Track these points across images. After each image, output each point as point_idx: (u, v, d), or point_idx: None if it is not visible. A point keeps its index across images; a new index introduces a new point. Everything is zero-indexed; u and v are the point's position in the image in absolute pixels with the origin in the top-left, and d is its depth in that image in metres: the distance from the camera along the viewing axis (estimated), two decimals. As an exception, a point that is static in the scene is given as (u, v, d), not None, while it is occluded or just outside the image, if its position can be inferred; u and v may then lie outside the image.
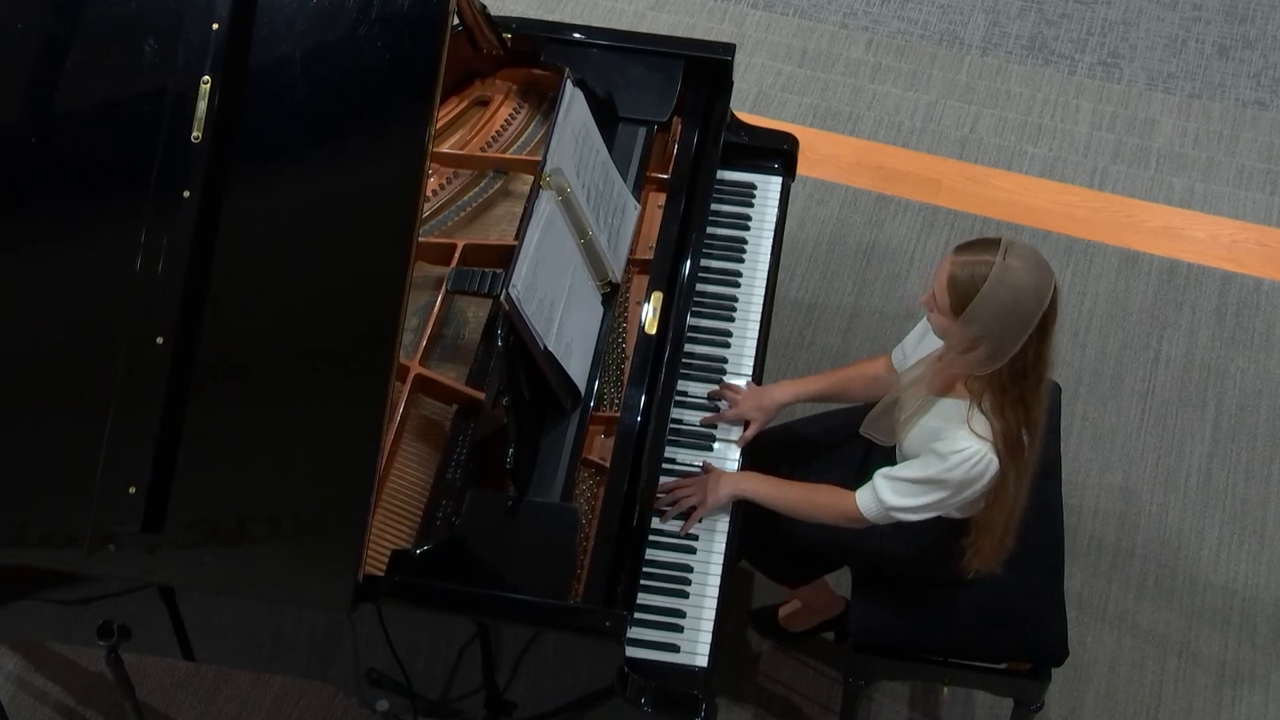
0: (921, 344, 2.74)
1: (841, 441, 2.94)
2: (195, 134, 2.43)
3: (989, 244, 2.45)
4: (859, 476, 2.86)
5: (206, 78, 2.44)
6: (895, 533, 2.75)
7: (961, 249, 2.48)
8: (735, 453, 2.85)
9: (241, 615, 2.51)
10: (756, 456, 2.87)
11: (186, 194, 2.41)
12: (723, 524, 2.75)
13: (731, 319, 3.02)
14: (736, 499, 2.76)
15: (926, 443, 2.59)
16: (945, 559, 2.72)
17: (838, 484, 2.83)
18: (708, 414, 2.88)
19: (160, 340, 2.39)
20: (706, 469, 2.79)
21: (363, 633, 2.46)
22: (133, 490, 2.36)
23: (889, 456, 2.78)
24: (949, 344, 2.52)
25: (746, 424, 2.88)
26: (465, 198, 3.01)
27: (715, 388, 2.92)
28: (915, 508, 2.61)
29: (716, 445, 2.86)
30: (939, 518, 2.66)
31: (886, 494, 2.62)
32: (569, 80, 2.83)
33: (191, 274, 2.40)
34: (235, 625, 2.54)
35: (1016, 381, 2.48)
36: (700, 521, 2.74)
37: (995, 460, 2.52)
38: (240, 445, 2.40)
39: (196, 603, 2.48)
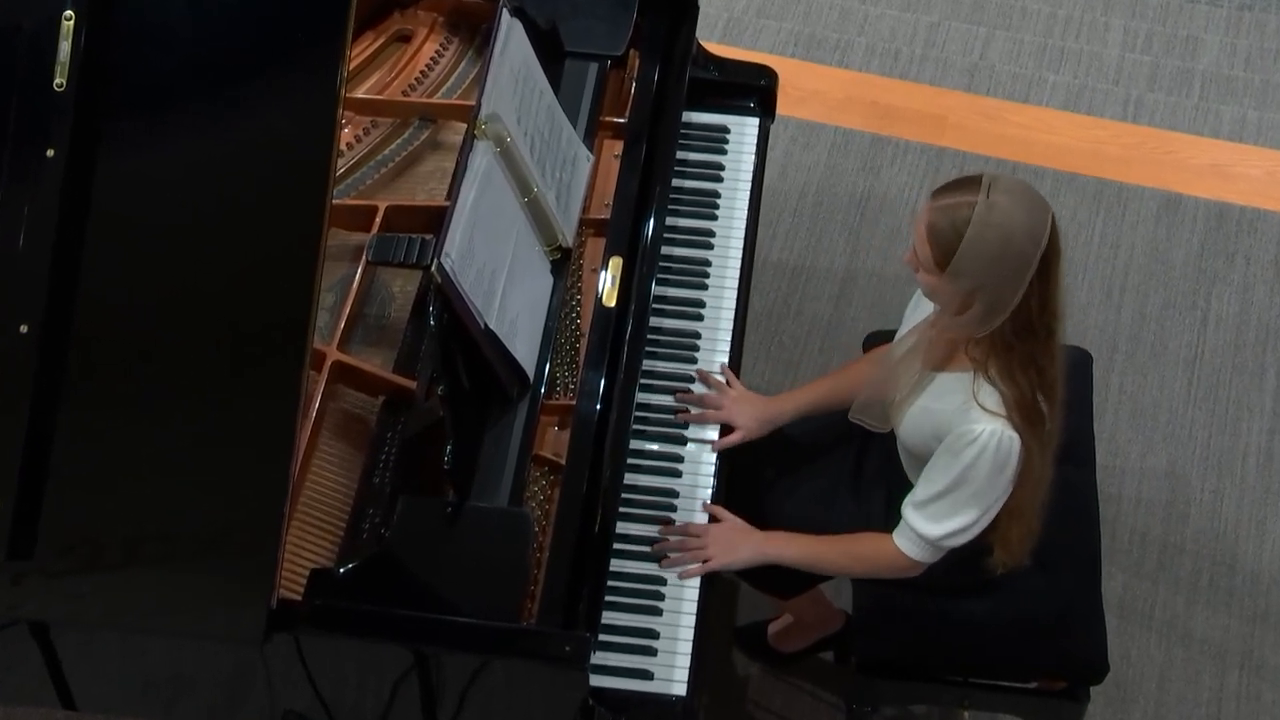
0: (915, 313, 2.76)
1: (832, 441, 2.95)
2: (58, 81, 2.41)
3: (969, 182, 2.47)
4: (855, 478, 2.89)
5: (69, 13, 2.41)
6: None
7: (939, 192, 2.50)
8: (710, 456, 2.84)
9: (132, 653, 2.50)
10: (735, 459, 2.87)
11: (51, 153, 2.39)
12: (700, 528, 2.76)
13: (705, 287, 3.03)
14: (758, 563, 2.76)
15: (928, 430, 2.61)
16: (970, 560, 2.74)
17: (830, 490, 2.86)
18: (681, 410, 2.87)
19: (24, 329, 2.37)
20: (714, 515, 2.77)
21: (278, 668, 2.46)
22: (-5, 510, 2.35)
23: (888, 445, 2.80)
24: (940, 305, 2.55)
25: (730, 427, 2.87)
26: (386, 151, 3.01)
27: (684, 366, 2.92)
28: (961, 528, 2.62)
29: (690, 446, 2.85)
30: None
31: (921, 525, 2.63)
32: (505, 9, 2.82)
33: (61, 248, 2.39)
34: (125, 666, 2.53)
35: (1023, 338, 2.50)
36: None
37: (1016, 436, 2.54)
38: (126, 452, 2.39)
39: (76, 641, 2.47)
